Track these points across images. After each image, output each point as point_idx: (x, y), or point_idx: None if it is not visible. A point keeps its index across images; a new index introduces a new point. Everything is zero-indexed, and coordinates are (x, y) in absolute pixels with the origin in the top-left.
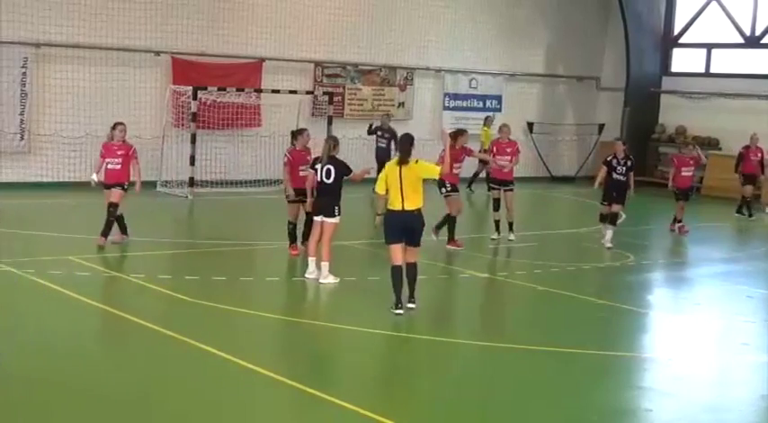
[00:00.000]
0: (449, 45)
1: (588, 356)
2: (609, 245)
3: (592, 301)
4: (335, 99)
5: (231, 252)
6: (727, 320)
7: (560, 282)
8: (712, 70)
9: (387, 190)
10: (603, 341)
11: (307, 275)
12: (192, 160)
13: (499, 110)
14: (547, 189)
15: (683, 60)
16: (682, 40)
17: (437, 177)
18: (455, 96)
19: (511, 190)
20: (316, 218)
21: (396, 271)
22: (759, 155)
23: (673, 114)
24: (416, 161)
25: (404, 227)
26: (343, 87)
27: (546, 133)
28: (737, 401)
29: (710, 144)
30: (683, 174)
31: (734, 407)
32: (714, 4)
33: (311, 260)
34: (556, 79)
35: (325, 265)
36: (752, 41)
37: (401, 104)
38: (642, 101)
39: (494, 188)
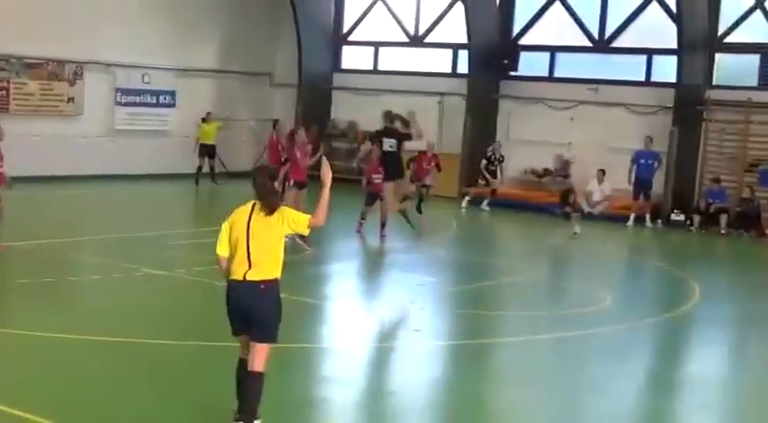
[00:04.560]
0: (121, 39)
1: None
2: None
3: None
4: (0, 94)
5: None
6: (400, 308)
7: None
8: (380, 67)
9: None
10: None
11: None
12: None
13: (173, 105)
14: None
15: (353, 57)
16: (351, 38)
17: None
18: (128, 91)
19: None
20: None
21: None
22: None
23: (344, 109)
24: None
25: None
26: (8, 81)
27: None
28: (410, 386)
29: None
30: (375, 181)
31: (407, 391)
32: (380, 4)
33: None
34: (229, 74)
35: None
36: (416, 41)
37: (71, 99)
38: (315, 97)
39: None
